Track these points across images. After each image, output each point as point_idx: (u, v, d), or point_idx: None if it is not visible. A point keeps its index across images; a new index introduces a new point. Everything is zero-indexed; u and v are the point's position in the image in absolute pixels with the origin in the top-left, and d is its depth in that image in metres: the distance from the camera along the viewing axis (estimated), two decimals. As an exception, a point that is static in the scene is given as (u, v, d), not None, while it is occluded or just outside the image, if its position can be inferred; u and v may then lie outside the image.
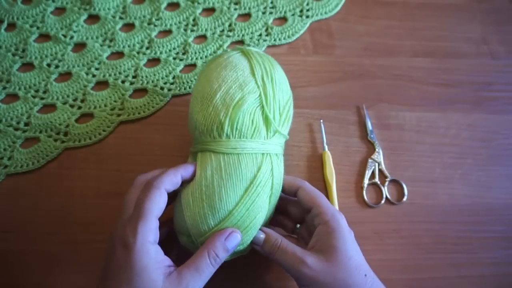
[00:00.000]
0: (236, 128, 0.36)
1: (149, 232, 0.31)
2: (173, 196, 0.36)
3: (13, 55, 0.53)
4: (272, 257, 0.35)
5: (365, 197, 0.47)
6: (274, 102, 0.38)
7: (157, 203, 0.32)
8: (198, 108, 0.38)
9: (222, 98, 0.37)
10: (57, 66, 0.53)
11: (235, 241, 0.33)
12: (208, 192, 0.34)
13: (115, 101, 0.51)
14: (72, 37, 0.55)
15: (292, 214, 0.39)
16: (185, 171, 0.35)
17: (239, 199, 0.35)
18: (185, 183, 0.36)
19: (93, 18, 0.57)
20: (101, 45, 0.55)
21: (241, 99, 0.37)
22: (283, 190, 0.39)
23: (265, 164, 0.36)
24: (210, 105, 0.37)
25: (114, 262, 0.31)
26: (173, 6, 0.59)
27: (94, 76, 0.52)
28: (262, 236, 0.35)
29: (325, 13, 0.59)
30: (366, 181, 0.48)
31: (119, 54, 0.54)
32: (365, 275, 0.34)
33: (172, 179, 0.34)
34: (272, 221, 0.40)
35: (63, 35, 0.55)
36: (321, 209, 0.35)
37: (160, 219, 0.33)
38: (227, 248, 0.33)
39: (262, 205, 0.36)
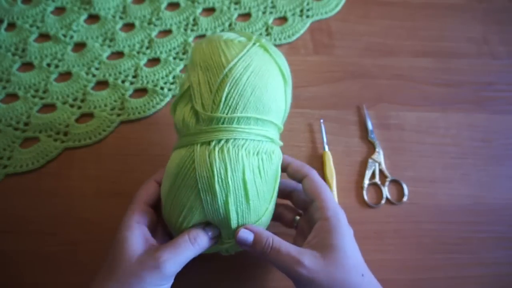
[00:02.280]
0: (176, 127, 0.37)
1: (134, 212, 0.34)
2: None
3: (13, 55, 0.53)
4: (265, 258, 0.33)
5: (365, 197, 0.47)
6: (200, 86, 0.35)
7: (146, 190, 0.36)
8: None
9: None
10: (57, 66, 0.53)
11: (215, 229, 0.34)
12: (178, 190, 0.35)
13: (115, 101, 0.51)
14: (72, 37, 0.55)
15: (296, 201, 0.38)
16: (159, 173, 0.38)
17: (164, 193, 0.35)
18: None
19: (93, 18, 0.57)
20: (101, 45, 0.55)
21: (176, 98, 0.37)
22: (290, 175, 0.38)
23: (185, 156, 0.34)
24: None
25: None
26: (173, 6, 0.59)
27: (94, 76, 0.52)
28: (251, 236, 0.33)
29: (325, 13, 0.59)
30: (366, 181, 0.47)
31: (119, 54, 0.54)
32: (362, 275, 0.33)
33: (161, 172, 0.37)
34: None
35: (63, 35, 0.55)
36: (324, 204, 0.34)
37: None
38: (207, 233, 0.34)
39: (186, 199, 0.33)
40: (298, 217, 0.39)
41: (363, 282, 0.33)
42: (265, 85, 0.35)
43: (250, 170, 0.33)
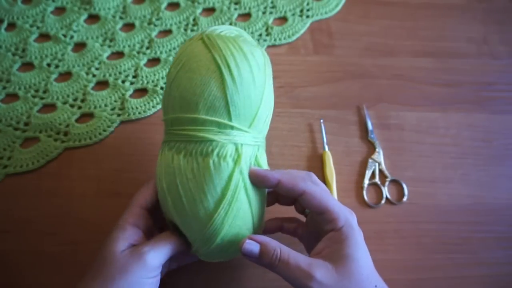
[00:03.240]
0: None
1: (128, 215, 0.34)
2: None
3: (13, 55, 0.53)
4: (272, 270, 0.31)
5: (365, 197, 0.47)
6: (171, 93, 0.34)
7: (142, 194, 0.36)
8: None
9: None
10: (57, 66, 0.53)
11: None
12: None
13: (115, 101, 0.51)
14: (72, 37, 0.55)
15: (297, 207, 0.37)
16: None
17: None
18: None
19: (93, 18, 0.57)
20: (101, 45, 0.55)
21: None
22: (285, 194, 0.34)
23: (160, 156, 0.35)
24: None
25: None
26: (173, 6, 0.59)
27: (94, 76, 0.52)
28: (256, 248, 0.31)
29: (325, 13, 0.59)
30: (366, 181, 0.47)
31: (119, 54, 0.54)
32: (376, 286, 0.31)
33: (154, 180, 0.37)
34: (284, 201, 0.37)
35: (63, 35, 0.55)
36: (334, 216, 0.32)
37: None
38: None
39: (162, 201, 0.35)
40: (307, 210, 0.37)
41: (378, 282, 0.32)
42: (190, 80, 0.32)
43: (179, 174, 0.32)
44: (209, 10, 0.59)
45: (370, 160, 0.49)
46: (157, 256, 0.32)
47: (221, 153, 0.32)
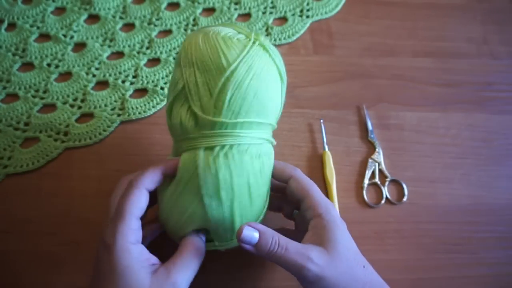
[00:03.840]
0: (171, 130, 0.36)
1: (128, 232, 0.30)
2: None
3: (13, 55, 0.53)
4: (271, 257, 0.31)
5: (365, 197, 0.47)
6: (198, 87, 0.33)
7: (137, 203, 0.31)
8: None
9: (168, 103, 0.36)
10: (57, 66, 0.53)
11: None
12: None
13: (115, 101, 0.51)
14: (72, 37, 0.55)
15: (289, 198, 0.38)
16: (165, 167, 0.34)
17: (164, 196, 0.34)
18: (168, 179, 0.35)
19: (93, 18, 0.57)
20: (101, 45, 0.55)
21: (169, 98, 0.35)
22: (275, 178, 0.37)
23: (186, 161, 0.33)
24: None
25: (99, 264, 0.31)
26: (173, 6, 0.59)
27: (94, 76, 0.52)
28: (256, 235, 0.31)
29: (325, 13, 0.59)
30: (366, 181, 0.47)
31: (119, 54, 0.54)
32: (364, 266, 0.33)
33: (152, 178, 0.33)
34: (271, 206, 0.38)
35: (63, 35, 0.55)
36: (314, 202, 0.34)
37: (150, 216, 0.34)
38: (201, 238, 0.34)
39: (188, 204, 0.33)
40: (296, 211, 0.39)
41: (366, 273, 0.33)
42: (266, 88, 0.34)
43: (253, 174, 0.33)
44: (209, 10, 0.59)
45: (370, 160, 0.49)
46: (187, 277, 0.31)
47: (270, 151, 0.36)
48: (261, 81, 0.33)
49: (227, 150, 0.33)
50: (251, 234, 0.31)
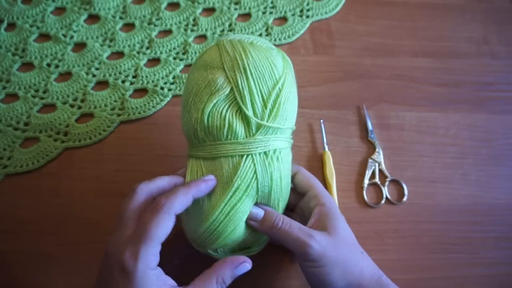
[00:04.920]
0: (209, 131, 0.35)
1: (151, 258, 0.29)
2: None
3: (13, 55, 0.53)
4: (275, 233, 0.34)
5: (365, 197, 0.47)
6: (251, 94, 0.34)
7: (164, 228, 0.30)
8: (182, 115, 0.37)
9: (194, 102, 0.35)
10: (57, 66, 0.53)
11: (244, 269, 0.33)
12: (192, 205, 0.33)
13: (115, 101, 0.51)
14: (72, 37, 0.55)
15: (296, 189, 0.40)
16: (197, 190, 0.33)
17: (215, 205, 0.34)
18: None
19: (93, 18, 0.57)
20: (101, 45, 0.55)
21: (208, 99, 0.34)
22: None
23: (244, 166, 0.34)
24: (186, 111, 0.36)
25: (112, 285, 0.29)
26: (173, 6, 0.59)
27: (94, 76, 0.52)
28: (261, 212, 0.35)
29: (325, 13, 0.59)
30: (366, 181, 0.47)
31: (119, 54, 0.54)
32: (361, 252, 0.36)
33: (183, 201, 0.32)
34: None
35: (63, 35, 0.55)
36: (317, 192, 0.37)
37: None
38: (235, 275, 0.33)
39: (247, 210, 0.34)
40: (289, 213, 0.40)
41: (363, 259, 0.36)
42: (295, 96, 0.38)
43: (288, 172, 0.37)
44: (209, 10, 0.59)
45: (370, 160, 0.49)
46: None
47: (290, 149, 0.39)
48: (295, 89, 0.38)
49: (278, 154, 0.35)
50: (257, 211, 0.35)
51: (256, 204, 0.35)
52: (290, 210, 0.40)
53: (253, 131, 0.34)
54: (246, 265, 0.33)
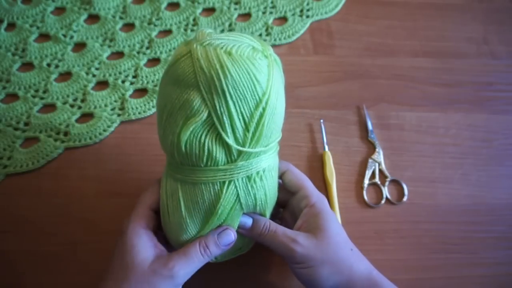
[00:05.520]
0: (187, 157, 0.32)
1: (140, 217, 0.34)
2: None
3: (13, 55, 0.53)
4: (262, 239, 0.35)
5: (365, 197, 0.47)
6: (231, 118, 0.30)
7: (151, 194, 0.36)
8: (157, 128, 0.34)
9: (168, 122, 0.32)
10: (57, 66, 0.53)
11: (227, 238, 0.34)
12: (170, 219, 0.34)
13: (115, 101, 0.51)
14: (72, 37, 0.55)
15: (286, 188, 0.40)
16: None
17: (200, 229, 0.34)
18: None
19: (93, 18, 0.57)
20: (101, 45, 0.55)
21: (184, 124, 0.31)
22: None
23: (226, 193, 0.32)
24: (161, 128, 0.33)
25: (115, 248, 0.34)
26: (173, 6, 0.59)
27: (94, 76, 0.52)
28: (250, 221, 0.36)
29: (325, 13, 0.59)
30: (366, 181, 0.47)
31: (119, 54, 0.54)
32: (351, 249, 0.36)
33: None
34: None
35: (63, 35, 0.55)
36: (307, 192, 0.37)
37: None
38: (218, 243, 0.34)
39: (233, 224, 0.35)
40: (281, 209, 0.41)
41: (352, 255, 0.36)
42: (283, 105, 0.34)
43: (274, 183, 0.36)
44: (209, 10, 0.59)
45: (370, 160, 0.49)
46: (186, 274, 0.33)
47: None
48: (282, 99, 0.33)
49: (262, 173, 0.34)
50: (246, 220, 0.35)
51: (244, 213, 0.35)
52: (281, 206, 0.41)
53: (235, 157, 0.32)
54: (229, 232, 0.34)
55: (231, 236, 0.34)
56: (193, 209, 0.33)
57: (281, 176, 0.38)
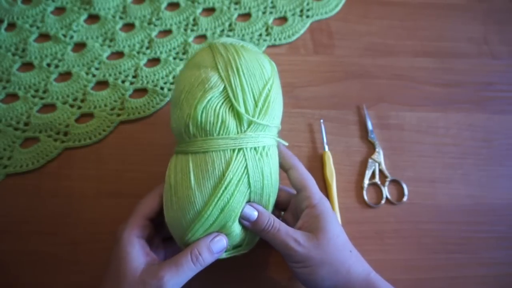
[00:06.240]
0: (201, 127, 0.35)
1: (134, 227, 0.34)
2: None
3: (13, 55, 0.53)
4: (264, 235, 0.35)
5: (365, 197, 0.47)
6: (244, 92, 0.35)
7: (147, 204, 0.36)
8: (171, 113, 0.38)
9: (186, 99, 0.36)
10: (57, 66, 0.53)
11: (219, 244, 0.34)
12: (178, 194, 0.34)
13: (115, 101, 0.51)
14: (72, 37, 0.55)
15: (279, 199, 0.40)
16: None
17: (208, 199, 0.34)
18: None
19: (93, 18, 0.57)
20: (101, 45, 0.55)
21: (202, 96, 0.35)
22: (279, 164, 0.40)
23: (235, 161, 0.34)
24: (177, 108, 0.37)
25: (110, 256, 0.34)
26: (173, 6, 0.59)
27: (94, 76, 0.52)
28: (255, 213, 0.35)
29: (325, 13, 0.59)
30: (366, 181, 0.47)
31: (119, 54, 0.54)
32: (350, 251, 0.37)
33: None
34: None
35: (63, 35, 0.55)
36: (310, 193, 0.37)
37: None
38: (211, 250, 0.34)
39: (239, 205, 0.35)
40: (283, 212, 0.41)
41: (351, 257, 0.36)
42: (282, 98, 0.40)
43: (277, 171, 0.38)
44: (209, 10, 0.59)
45: (370, 160, 0.49)
46: (177, 283, 0.32)
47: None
48: (281, 92, 0.40)
49: (267, 150, 0.36)
50: (251, 212, 0.35)
51: (248, 202, 0.35)
52: (282, 209, 0.41)
53: (245, 128, 0.35)
54: (222, 239, 0.34)
55: (223, 242, 0.34)
56: (203, 177, 0.34)
57: (287, 171, 0.39)
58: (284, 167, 0.39)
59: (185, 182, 0.34)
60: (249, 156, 0.35)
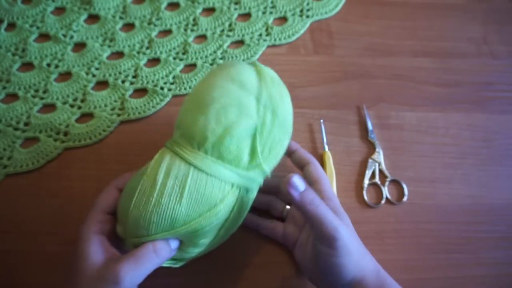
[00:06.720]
0: (218, 149, 0.33)
1: (92, 223, 0.34)
2: None
3: (13, 55, 0.53)
4: (312, 209, 0.33)
5: (365, 197, 0.47)
6: (268, 136, 0.35)
7: (104, 199, 0.36)
8: (189, 109, 0.36)
9: (216, 112, 0.34)
10: (57, 66, 0.53)
11: (175, 242, 0.34)
12: (162, 201, 0.32)
13: (115, 101, 0.51)
14: (72, 37, 0.55)
15: (284, 195, 0.40)
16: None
17: (189, 221, 0.32)
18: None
19: (93, 18, 0.57)
20: (101, 45, 0.55)
21: (235, 122, 0.34)
22: (293, 161, 0.41)
23: (230, 196, 0.33)
24: (202, 114, 0.34)
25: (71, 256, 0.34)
26: (173, 6, 0.59)
27: (94, 76, 0.52)
28: (303, 186, 0.33)
29: (325, 13, 0.59)
30: (366, 181, 0.47)
31: (119, 54, 0.54)
32: (364, 247, 0.37)
33: (126, 177, 0.37)
34: (261, 203, 0.42)
35: (63, 35, 0.55)
36: (323, 187, 0.38)
37: None
38: (169, 244, 0.33)
39: (210, 233, 0.34)
40: (288, 207, 0.42)
41: (366, 253, 0.37)
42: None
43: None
44: (209, 10, 0.59)
45: (370, 160, 0.49)
46: (135, 277, 0.31)
47: None
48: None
49: (251, 192, 0.36)
50: (301, 182, 0.33)
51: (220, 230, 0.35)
52: (273, 193, 0.43)
53: (251, 167, 0.35)
54: (177, 239, 0.34)
55: (178, 241, 0.34)
56: (195, 200, 0.32)
57: (303, 167, 0.40)
58: (300, 163, 0.40)
59: (176, 194, 0.32)
60: (240, 196, 0.34)
